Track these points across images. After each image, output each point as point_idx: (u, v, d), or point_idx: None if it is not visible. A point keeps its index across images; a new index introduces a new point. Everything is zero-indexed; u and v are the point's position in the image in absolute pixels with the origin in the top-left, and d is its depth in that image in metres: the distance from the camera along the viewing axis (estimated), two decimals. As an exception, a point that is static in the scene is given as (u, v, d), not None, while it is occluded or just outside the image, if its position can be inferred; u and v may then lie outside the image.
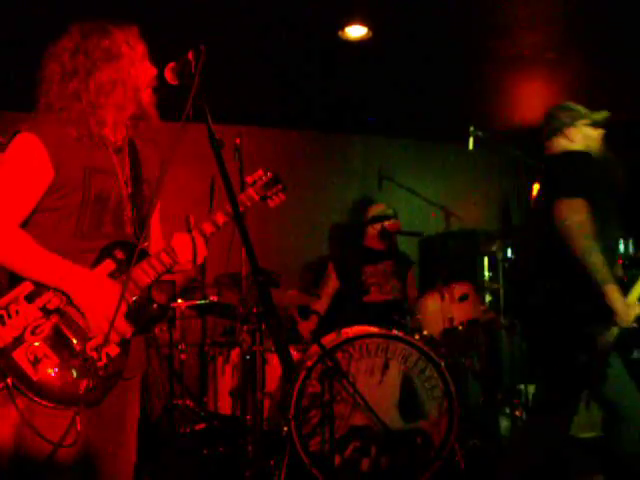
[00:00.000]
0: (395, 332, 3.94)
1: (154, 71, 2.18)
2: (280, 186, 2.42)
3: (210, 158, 5.37)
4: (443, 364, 3.98)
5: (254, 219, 5.58)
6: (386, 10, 3.90)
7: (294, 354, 4.25)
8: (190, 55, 2.10)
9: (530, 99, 5.42)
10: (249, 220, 5.27)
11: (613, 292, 2.89)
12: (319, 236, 5.94)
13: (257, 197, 2.37)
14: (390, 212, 5.12)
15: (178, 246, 2.17)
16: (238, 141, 4.61)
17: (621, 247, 5.81)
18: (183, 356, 4.80)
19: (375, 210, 5.20)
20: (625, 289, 2.96)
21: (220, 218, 2.26)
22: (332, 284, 5.09)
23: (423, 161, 6.42)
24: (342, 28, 4.09)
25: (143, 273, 2.10)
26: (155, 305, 2.15)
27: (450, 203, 5.86)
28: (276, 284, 4.28)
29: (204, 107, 2.13)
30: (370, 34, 4.16)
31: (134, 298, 2.06)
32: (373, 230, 5.10)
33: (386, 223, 5.04)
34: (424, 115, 5.69)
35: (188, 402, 4.79)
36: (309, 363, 3.86)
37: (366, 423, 3.84)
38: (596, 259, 2.89)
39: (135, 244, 2.09)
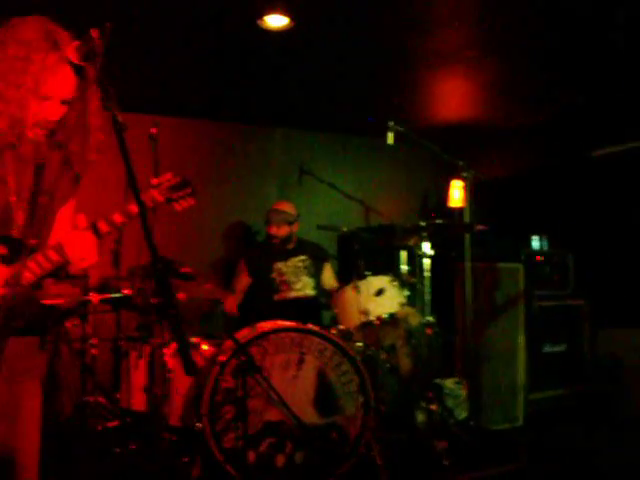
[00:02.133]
0: (310, 326, 3.90)
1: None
2: (189, 190, 2.35)
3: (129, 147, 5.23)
4: (359, 358, 3.97)
5: (171, 212, 5.50)
6: (307, 1, 3.86)
7: (208, 349, 4.17)
8: (95, 33, 1.99)
9: (449, 96, 5.47)
10: (165, 212, 5.18)
11: None
12: (237, 230, 5.85)
13: (161, 198, 2.29)
14: (276, 218, 4.97)
15: (68, 244, 2.06)
16: (154, 131, 4.50)
17: (536, 244, 5.95)
18: (95, 351, 4.68)
19: (269, 213, 5.06)
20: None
21: (117, 218, 2.16)
22: (244, 280, 5.02)
23: (344, 155, 6.41)
24: (261, 17, 4.03)
25: (26, 270, 1.99)
26: (36, 304, 2.05)
27: (370, 198, 5.89)
28: (191, 278, 4.19)
29: (109, 89, 2.02)
30: (291, 24, 4.11)
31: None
32: (268, 231, 5.01)
33: (270, 227, 4.95)
34: (345, 109, 5.68)
35: (100, 398, 4.67)
36: (223, 358, 3.78)
37: (281, 418, 3.78)
38: None
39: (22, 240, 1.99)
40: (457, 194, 5.98)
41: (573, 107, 5.55)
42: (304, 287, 4.98)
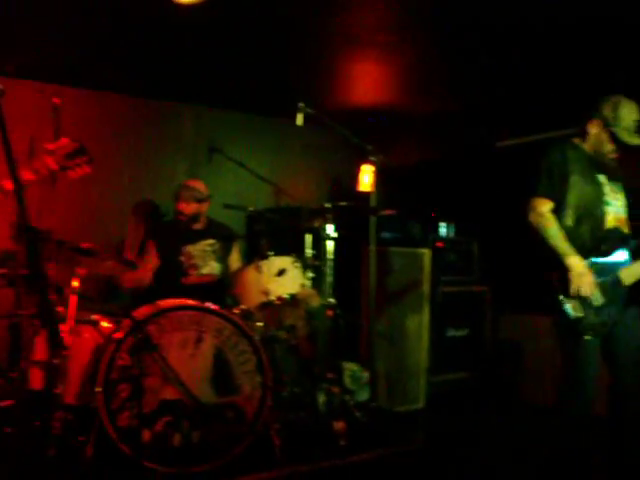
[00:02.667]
0: (209, 305, 3.88)
1: None
2: (85, 158, 2.30)
3: (29, 117, 5.08)
4: (257, 338, 3.97)
5: (73, 185, 5.37)
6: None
7: (108, 326, 4.09)
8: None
9: (361, 81, 5.49)
10: (66, 185, 5.06)
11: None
12: (145, 208, 5.72)
13: (56, 166, 2.23)
14: (185, 195, 4.87)
15: None
16: (57, 101, 4.38)
17: (443, 231, 6.08)
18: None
19: (179, 188, 4.94)
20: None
21: (8, 185, 2.11)
22: (153, 261, 4.92)
23: (255, 136, 6.37)
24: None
25: None
26: None
27: (281, 179, 5.89)
28: (91, 253, 4.08)
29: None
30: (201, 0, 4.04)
31: None
32: (176, 208, 4.92)
33: (180, 203, 4.85)
34: (256, 89, 5.64)
35: (-6, 376, 4.54)
36: (119, 335, 3.73)
37: (178, 397, 3.75)
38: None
39: None
40: (367, 178, 6.03)
41: (482, 99, 5.66)
42: (211, 271, 4.93)
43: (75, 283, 4.04)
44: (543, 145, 3.64)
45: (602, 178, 3.52)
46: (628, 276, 3.40)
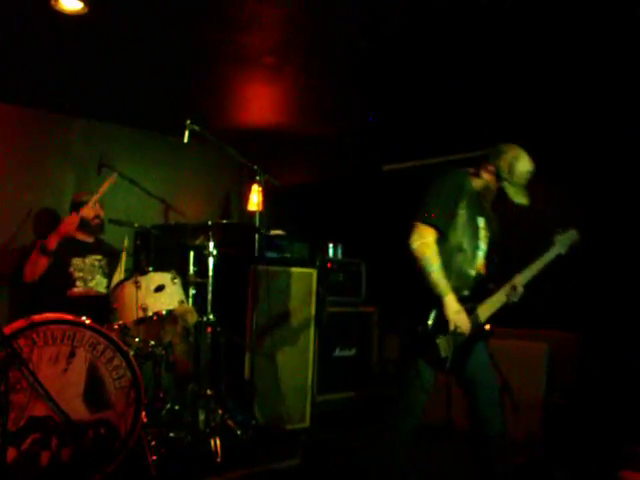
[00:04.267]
0: (83, 319, 3.81)
1: None
2: None
3: None
4: (132, 354, 3.93)
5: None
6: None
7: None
8: None
9: (251, 101, 5.55)
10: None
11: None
12: (29, 219, 5.61)
13: None
14: (86, 198, 4.95)
15: None
16: None
17: (331, 252, 6.17)
18: None
19: (76, 198, 5.04)
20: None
21: None
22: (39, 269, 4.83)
23: (146, 151, 6.33)
24: (55, -1, 3.90)
25: None
26: None
27: (171, 196, 5.86)
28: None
29: None
30: (85, 10, 4.00)
31: None
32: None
33: (82, 209, 4.87)
34: (147, 105, 5.62)
35: None
36: (-15, 349, 3.62)
37: (47, 414, 3.66)
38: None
39: None
40: (255, 198, 6.08)
41: (368, 122, 5.81)
42: (97, 285, 4.89)
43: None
44: (429, 169, 3.69)
45: (481, 220, 3.53)
46: (484, 312, 3.48)
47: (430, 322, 3.33)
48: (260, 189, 5.19)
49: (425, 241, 3.31)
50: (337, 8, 3.85)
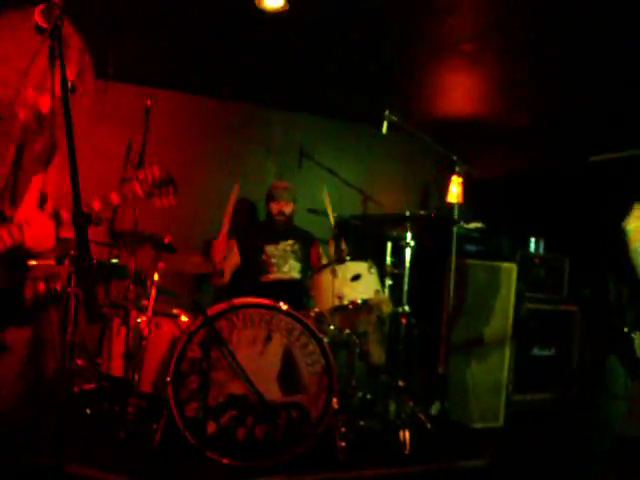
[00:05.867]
0: (281, 305, 3.94)
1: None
2: (172, 188, 2.39)
3: (129, 119, 5.30)
4: (326, 341, 4.00)
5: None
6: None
7: (186, 320, 4.23)
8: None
9: (450, 90, 5.46)
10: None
11: None
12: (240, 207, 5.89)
13: (142, 194, 2.34)
14: (284, 194, 5.13)
15: (28, 225, 2.18)
16: (149, 102, 4.58)
17: (532, 246, 5.92)
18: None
19: (273, 189, 5.22)
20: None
21: (96, 204, 2.26)
22: (233, 259, 5.09)
23: (345, 142, 6.41)
24: (259, -3, 4.06)
25: None
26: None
27: (369, 187, 5.90)
28: (171, 248, 4.24)
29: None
30: (287, 6, 4.13)
31: None
32: (273, 209, 5.12)
33: (278, 204, 5.10)
34: (346, 96, 5.69)
35: (81, 362, 4.76)
36: (192, 328, 3.85)
37: (244, 392, 3.84)
38: None
39: None
40: (455, 190, 5.96)
41: (574, 110, 5.50)
42: (290, 270, 5.06)
43: (156, 276, 4.21)
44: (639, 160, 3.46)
45: None
46: None
47: (630, 316, 3.10)
48: (460, 181, 5.08)
49: None
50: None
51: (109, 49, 4.63)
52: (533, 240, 5.90)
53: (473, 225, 5.62)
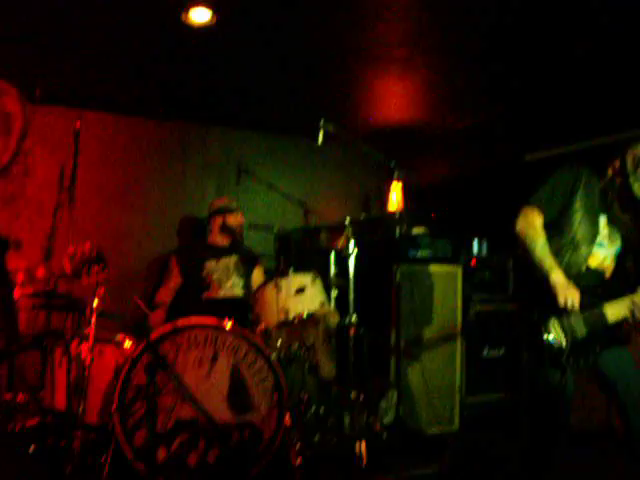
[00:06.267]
0: (225, 323, 3.86)
1: None
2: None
3: (58, 143, 5.13)
4: (274, 357, 3.93)
5: (102, 209, 5.47)
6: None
7: (130, 345, 4.11)
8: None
9: (384, 97, 5.45)
10: (100, 204, 5.19)
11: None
12: (170, 229, 5.80)
13: (69, 271, 2.28)
14: (233, 205, 5.08)
15: None
16: (78, 125, 4.46)
17: (475, 248, 5.94)
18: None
19: (218, 203, 5.16)
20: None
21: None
22: (174, 278, 5.00)
23: (282, 155, 6.36)
24: (185, 11, 3.98)
25: None
26: None
27: (309, 199, 5.86)
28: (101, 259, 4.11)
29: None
30: (214, 19, 4.06)
31: None
32: (215, 224, 5.07)
33: (227, 216, 4.99)
34: (281, 108, 5.65)
35: (22, 396, 4.60)
36: (135, 354, 3.74)
37: (194, 416, 3.74)
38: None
39: None
40: (395, 197, 5.96)
41: (508, 110, 5.56)
42: (233, 286, 4.97)
43: (95, 302, 4.08)
44: (573, 156, 3.53)
45: (603, 217, 3.38)
46: (613, 313, 3.24)
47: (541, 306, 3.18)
48: (399, 187, 5.09)
49: (529, 220, 3.28)
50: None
51: (36, 72, 4.52)
52: (476, 241, 5.93)
53: (416, 230, 5.61)
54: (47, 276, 2.21)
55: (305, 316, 4.20)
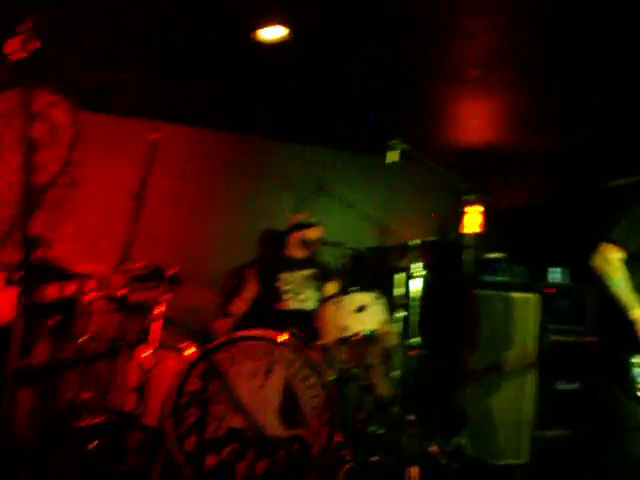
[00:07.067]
0: (280, 337, 3.88)
1: None
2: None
3: (137, 155, 5.30)
4: (328, 374, 3.92)
5: (181, 220, 5.61)
6: (307, 12, 3.88)
7: (189, 353, 4.19)
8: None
9: (462, 118, 5.39)
10: (177, 215, 5.33)
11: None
12: (249, 242, 5.90)
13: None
14: (312, 220, 5.13)
15: None
16: (157, 136, 4.59)
17: (554, 276, 5.76)
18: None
19: (298, 218, 5.22)
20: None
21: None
22: (251, 288, 5.09)
23: (361, 174, 6.38)
24: (258, 29, 4.06)
25: None
26: None
27: (387, 218, 5.84)
28: (176, 281, 4.22)
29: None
30: (290, 36, 4.13)
31: None
32: (294, 238, 5.14)
33: (306, 231, 5.05)
34: (359, 127, 5.67)
35: (90, 395, 4.76)
36: (191, 361, 3.82)
37: (244, 426, 3.77)
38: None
39: None
40: (471, 219, 5.85)
41: (589, 137, 5.39)
42: (307, 299, 5.00)
43: (161, 308, 4.19)
44: None
45: None
46: None
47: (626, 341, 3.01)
48: (480, 210, 5.00)
49: (605, 256, 3.15)
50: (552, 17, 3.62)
51: (119, 85, 4.70)
52: (556, 270, 5.75)
53: (493, 255, 5.49)
54: (120, 283, 2.26)
55: (364, 334, 4.19)
